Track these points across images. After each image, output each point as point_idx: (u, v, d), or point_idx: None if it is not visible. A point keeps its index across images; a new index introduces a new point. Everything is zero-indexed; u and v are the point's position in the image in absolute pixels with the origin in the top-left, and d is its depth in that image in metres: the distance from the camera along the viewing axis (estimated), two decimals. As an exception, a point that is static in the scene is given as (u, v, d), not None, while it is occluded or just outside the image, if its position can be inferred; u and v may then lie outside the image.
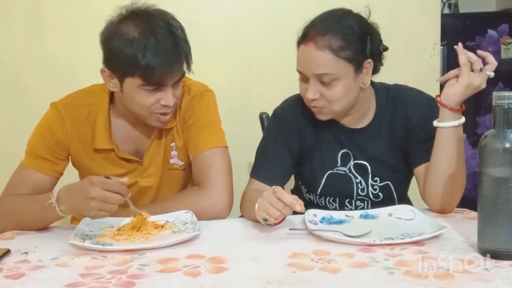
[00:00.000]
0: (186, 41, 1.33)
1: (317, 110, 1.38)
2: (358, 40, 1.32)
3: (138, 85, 1.31)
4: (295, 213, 1.41)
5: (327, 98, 1.34)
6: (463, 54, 1.25)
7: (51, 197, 1.22)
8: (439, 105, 1.30)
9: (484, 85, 1.25)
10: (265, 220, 1.21)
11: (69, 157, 1.46)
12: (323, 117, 1.40)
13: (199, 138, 1.45)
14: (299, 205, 1.17)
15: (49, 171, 1.42)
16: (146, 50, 1.26)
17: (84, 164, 1.47)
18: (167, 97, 1.33)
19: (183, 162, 1.50)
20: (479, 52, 1.26)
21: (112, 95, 1.44)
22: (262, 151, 1.50)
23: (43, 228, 1.33)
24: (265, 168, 1.45)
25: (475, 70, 1.24)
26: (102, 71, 1.36)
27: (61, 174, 1.46)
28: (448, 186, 1.32)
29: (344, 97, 1.35)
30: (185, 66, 1.33)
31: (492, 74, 1.25)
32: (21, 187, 1.39)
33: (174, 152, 1.49)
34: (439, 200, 1.34)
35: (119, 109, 1.44)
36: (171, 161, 1.49)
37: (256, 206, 1.23)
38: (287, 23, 2.21)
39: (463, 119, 1.30)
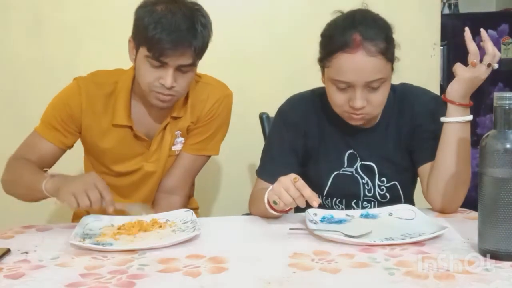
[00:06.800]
0: (203, 34, 1.37)
1: (360, 117, 1.33)
2: (391, 37, 1.31)
3: (145, 56, 1.35)
4: (295, 211, 1.41)
5: (374, 103, 1.31)
6: (469, 42, 1.25)
7: (47, 172, 1.32)
8: (446, 102, 1.30)
9: (483, 76, 1.25)
10: (275, 203, 1.22)
11: (80, 132, 1.50)
12: (359, 122, 1.36)
13: (197, 140, 1.54)
14: (316, 201, 1.18)
15: (57, 142, 1.48)
16: (159, 23, 1.32)
17: (94, 141, 1.51)
18: (167, 76, 1.36)
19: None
20: (482, 34, 1.26)
21: (134, 78, 1.49)
22: (268, 150, 1.49)
23: (33, 200, 1.41)
24: (271, 167, 1.43)
25: (470, 64, 1.24)
26: (129, 40, 1.42)
27: (69, 147, 1.52)
28: (451, 185, 1.32)
29: (386, 98, 1.33)
30: (193, 54, 1.35)
31: (495, 66, 1.24)
32: (28, 152, 1.46)
33: (177, 139, 1.54)
34: (442, 200, 1.34)
35: (138, 92, 1.49)
36: (173, 147, 1.55)
37: (270, 188, 1.24)
38: (285, 22, 2.22)
39: (469, 117, 1.31)
